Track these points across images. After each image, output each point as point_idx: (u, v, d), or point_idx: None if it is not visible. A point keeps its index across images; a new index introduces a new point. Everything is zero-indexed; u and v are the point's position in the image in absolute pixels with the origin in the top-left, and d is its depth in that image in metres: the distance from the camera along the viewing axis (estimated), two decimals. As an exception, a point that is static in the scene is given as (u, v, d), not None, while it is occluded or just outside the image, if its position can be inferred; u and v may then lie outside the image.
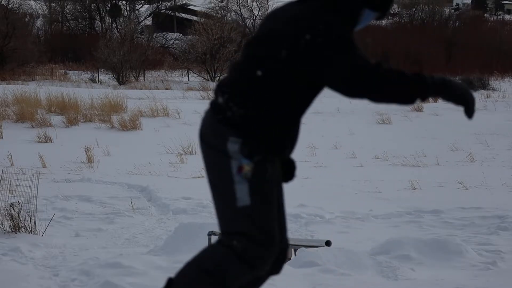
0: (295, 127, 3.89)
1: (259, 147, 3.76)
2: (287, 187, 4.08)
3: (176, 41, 74.55)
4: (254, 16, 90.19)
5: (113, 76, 51.77)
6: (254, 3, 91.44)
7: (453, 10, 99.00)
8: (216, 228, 10.30)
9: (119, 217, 13.47)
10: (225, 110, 3.80)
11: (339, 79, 3.67)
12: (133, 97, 34.91)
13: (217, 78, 53.67)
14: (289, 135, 3.86)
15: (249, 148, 3.75)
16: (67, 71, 57.44)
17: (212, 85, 45.45)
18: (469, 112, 3.86)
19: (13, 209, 11.63)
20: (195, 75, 54.95)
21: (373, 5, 3.84)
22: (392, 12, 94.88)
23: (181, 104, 33.05)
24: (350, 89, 3.71)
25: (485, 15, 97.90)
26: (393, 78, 3.67)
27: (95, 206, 14.37)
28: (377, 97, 3.72)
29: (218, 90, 3.93)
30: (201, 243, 10.08)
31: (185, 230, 10.75)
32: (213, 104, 3.92)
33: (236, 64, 3.94)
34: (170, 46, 73.92)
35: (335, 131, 25.87)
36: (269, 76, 3.76)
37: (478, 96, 37.87)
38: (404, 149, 21.65)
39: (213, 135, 3.81)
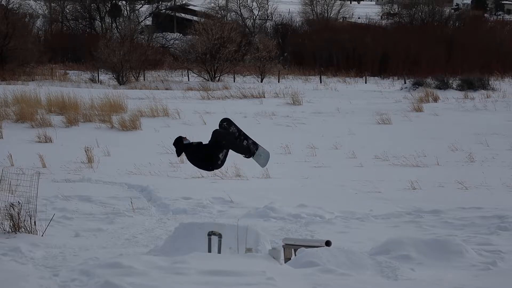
0: None
1: None
2: (287, 187, 4.09)
3: (176, 41, 74.52)
4: (254, 16, 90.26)
5: (113, 76, 51.66)
6: (254, 3, 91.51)
7: (453, 10, 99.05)
8: (215, 228, 10.33)
9: (119, 217, 13.47)
10: None
11: None
12: (133, 97, 34.90)
13: (217, 78, 53.54)
14: None
15: None
16: (67, 71, 57.37)
17: (212, 85, 45.40)
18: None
19: (13, 209, 11.63)
20: (195, 75, 54.82)
21: None
22: (392, 12, 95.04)
23: (181, 104, 33.04)
24: None
25: (485, 15, 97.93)
26: None
27: (95, 206, 14.36)
28: None
29: None
30: (201, 243, 10.09)
31: (185, 230, 10.74)
32: None
33: None
34: (170, 46, 73.91)
35: (335, 131, 25.86)
36: None
37: (478, 96, 37.88)
38: (404, 149, 21.64)
39: None
